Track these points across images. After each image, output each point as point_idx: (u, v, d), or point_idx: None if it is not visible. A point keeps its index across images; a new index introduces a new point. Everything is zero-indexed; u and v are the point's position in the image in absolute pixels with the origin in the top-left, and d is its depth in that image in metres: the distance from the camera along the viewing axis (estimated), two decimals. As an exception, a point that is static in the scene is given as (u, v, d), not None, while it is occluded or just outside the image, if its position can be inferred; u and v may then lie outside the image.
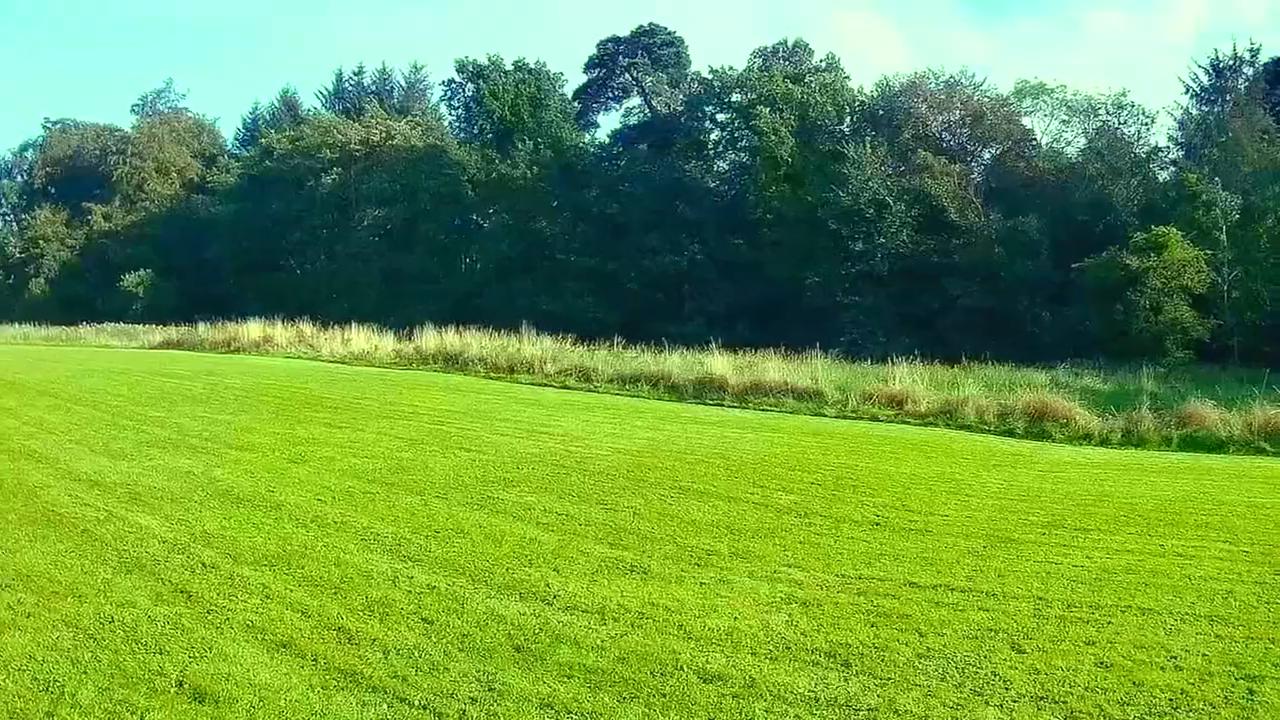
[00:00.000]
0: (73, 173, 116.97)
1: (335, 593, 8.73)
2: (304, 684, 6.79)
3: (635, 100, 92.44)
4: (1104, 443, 21.02)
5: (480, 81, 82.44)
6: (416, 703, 6.65)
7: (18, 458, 14.82)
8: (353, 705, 6.58)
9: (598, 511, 12.55)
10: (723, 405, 27.86)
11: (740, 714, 6.70)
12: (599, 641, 7.78)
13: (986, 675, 7.37)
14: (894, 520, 12.45)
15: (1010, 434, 22.08)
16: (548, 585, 9.19)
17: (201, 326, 57.62)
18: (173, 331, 60.57)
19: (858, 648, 7.83)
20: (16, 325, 70.54)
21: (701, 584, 9.45)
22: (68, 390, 26.29)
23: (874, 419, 24.55)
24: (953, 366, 32.00)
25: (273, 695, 6.62)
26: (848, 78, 70.35)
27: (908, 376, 27.49)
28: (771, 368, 30.73)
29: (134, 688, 6.56)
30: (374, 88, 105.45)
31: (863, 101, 67.10)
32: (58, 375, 31.63)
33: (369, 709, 6.55)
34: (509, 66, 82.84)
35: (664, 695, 6.91)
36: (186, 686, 6.65)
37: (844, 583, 9.59)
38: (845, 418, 24.93)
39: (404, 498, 13.03)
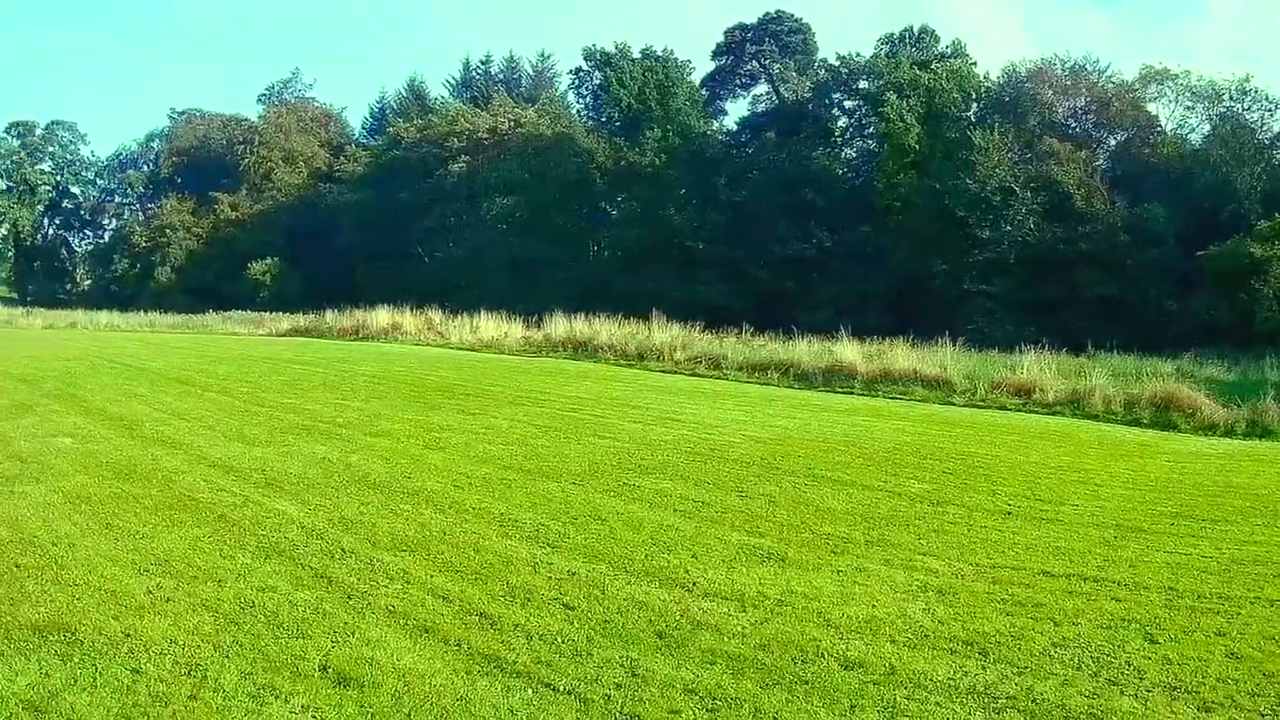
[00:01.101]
0: (199, 162, 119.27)
1: (476, 578, 8.75)
2: (448, 669, 6.80)
3: (763, 87, 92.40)
4: (1229, 433, 20.79)
5: (608, 70, 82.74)
6: (561, 688, 6.63)
7: (152, 444, 15.06)
8: (497, 690, 6.57)
9: (733, 499, 12.52)
10: (852, 393, 28.06)
11: (881, 701, 6.65)
12: (740, 628, 7.75)
13: (1120, 665, 7.31)
14: (1025, 509, 12.41)
15: (1136, 423, 21.92)
16: (687, 572, 9.17)
17: (330, 314, 58.40)
18: (300, 319, 61.49)
19: (994, 636, 7.78)
20: (143, 313, 72.14)
21: (838, 572, 9.41)
22: (199, 377, 26.73)
23: (1001, 408, 24.70)
24: (1078, 355, 32.06)
25: (417, 680, 6.63)
26: (974, 64, 69.52)
27: (1034, 365, 27.52)
28: (900, 355, 30.87)
29: (277, 672, 6.62)
30: (501, 76, 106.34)
31: (988, 88, 66.41)
32: (187, 362, 32.23)
33: (513, 694, 6.54)
34: (636, 54, 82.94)
35: (806, 682, 6.86)
36: (330, 671, 6.68)
37: (978, 571, 9.55)
38: (973, 406, 25.13)
39: (541, 484, 13.06)
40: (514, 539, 10.16)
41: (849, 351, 32.04)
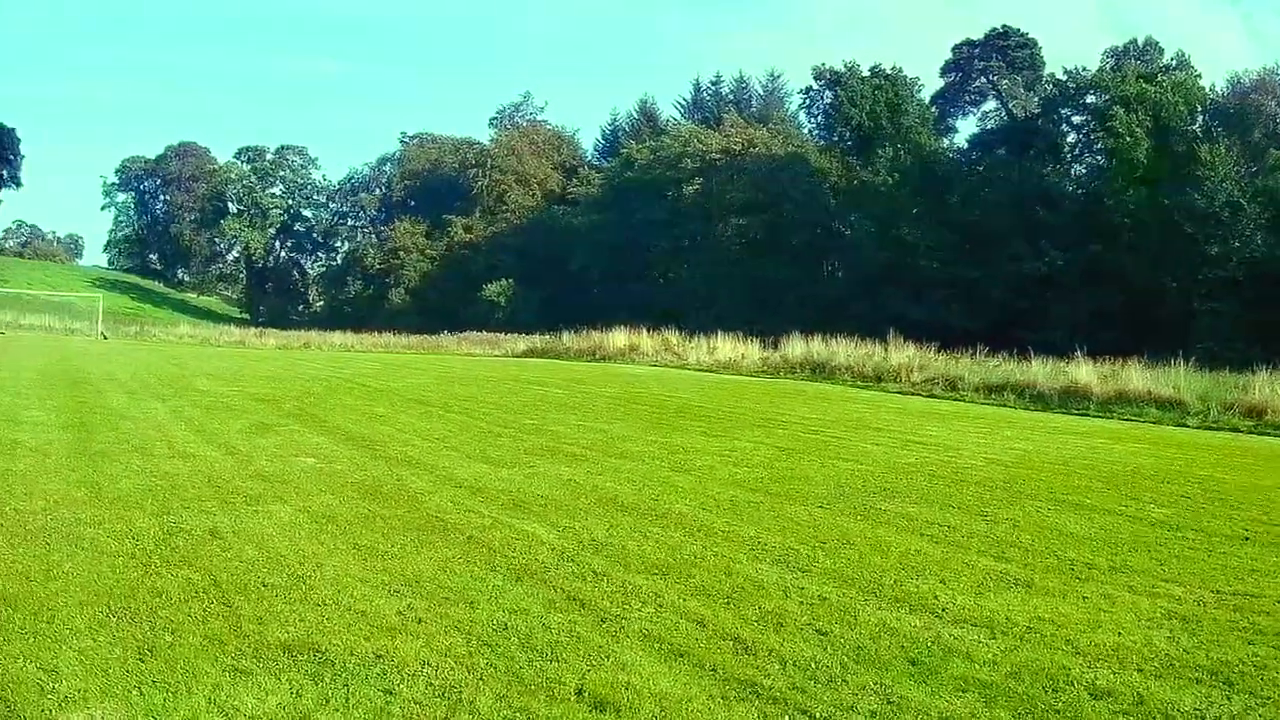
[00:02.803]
0: (431, 185, 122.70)
1: (728, 602, 8.63)
2: (704, 694, 6.67)
3: (991, 104, 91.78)
4: None
5: (838, 88, 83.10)
6: (818, 715, 6.48)
7: (396, 464, 15.29)
8: (754, 716, 6.43)
9: (978, 523, 12.39)
10: (1087, 414, 28.46)
11: (1128, 731, 6.46)
12: (990, 656, 7.58)
13: (1364, 696, 6.93)
14: (1263, 534, 12.15)
15: (1375, 446, 21.05)
16: (936, 598, 9.01)
17: (566, 335, 59.36)
18: (537, 340, 62.71)
19: (1237, 666, 7.55)
20: (377, 334, 74.22)
21: (1084, 598, 9.20)
22: (438, 398, 27.29)
23: (1234, 430, 24.92)
24: (1312, 375, 31.45)
25: (674, 705, 6.50)
26: (1198, 76, 68.12)
27: (1266, 386, 27.44)
28: (1135, 376, 31.04)
29: (533, 695, 6.55)
30: (732, 97, 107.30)
31: (1213, 100, 64.86)
32: (425, 383, 32.99)
33: (769, 720, 6.47)
34: (865, 72, 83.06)
35: (1057, 711, 6.68)
36: (586, 695, 6.59)
37: (1219, 599, 9.28)
38: (1206, 428, 25.44)
39: (788, 507, 12.96)
40: (764, 563, 10.06)
41: (1084, 372, 32.48)
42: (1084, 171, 76.34)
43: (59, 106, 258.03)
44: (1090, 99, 72.03)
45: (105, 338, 73.20)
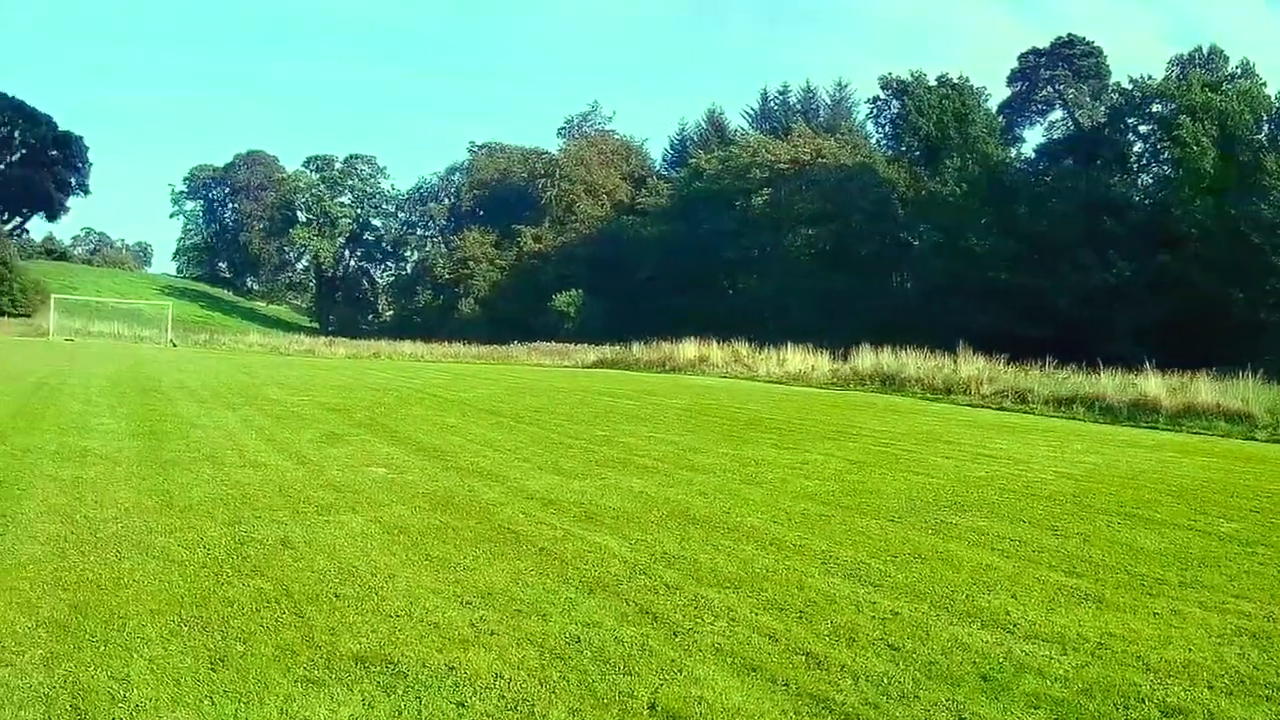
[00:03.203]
0: (500, 195, 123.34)
1: (800, 617, 8.59)
2: (776, 709, 6.62)
3: (1057, 113, 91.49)
4: None
5: (905, 98, 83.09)
6: (889, 731, 6.47)
7: (468, 475, 15.31)
8: (826, 732, 6.42)
9: (1048, 537, 12.34)
10: (1156, 427, 28.66)
11: (1201, 750, 6.38)
12: (1062, 672, 7.53)
13: None
14: None
15: None
16: (1007, 613, 8.96)
17: (636, 346, 59.45)
18: (606, 351, 62.84)
19: None
20: (447, 344, 74.53)
21: (1155, 614, 9.13)
22: (509, 409, 27.37)
23: None
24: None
25: (746, 720, 6.56)
26: (1263, 84, 67.81)
27: None
28: (1203, 389, 31.04)
29: (605, 709, 6.51)
30: (799, 106, 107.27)
31: (1279, 108, 64.53)
32: (496, 394, 33.11)
33: (842, 736, 6.42)
34: (932, 82, 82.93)
35: None
36: (659, 709, 6.55)
37: None
38: (1275, 441, 25.62)
39: (859, 521, 12.93)
40: (836, 577, 10.02)
41: (1152, 385, 32.53)
42: (1150, 181, 75.98)
43: (126, 115, 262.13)
44: (1156, 108, 71.81)
45: (174, 345, 73.91)
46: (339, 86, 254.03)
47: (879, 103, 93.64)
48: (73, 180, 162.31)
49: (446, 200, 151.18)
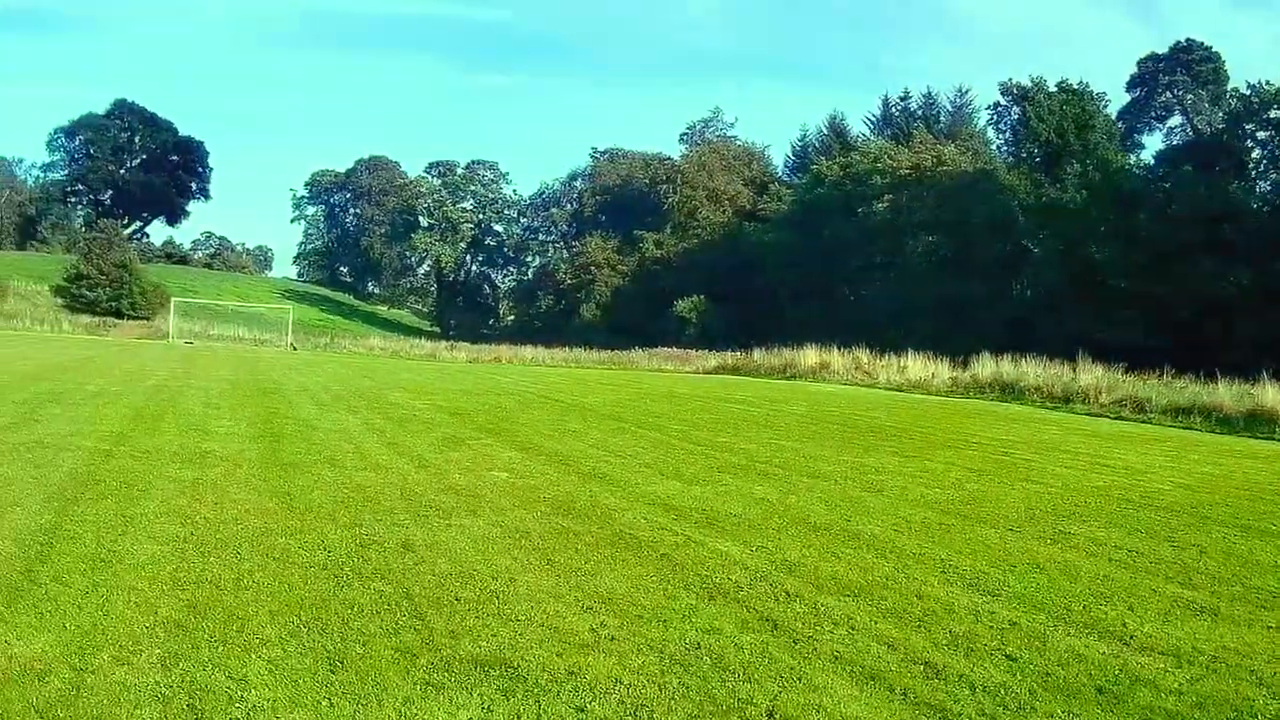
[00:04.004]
0: (622, 201, 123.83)
1: (919, 626, 8.55)
2: (894, 718, 6.61)
3: (1176, 119, 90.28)
4: None
5: (1025, 104, 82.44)
6: (1007, 741, 6.41)
7: (589, 480, 15.37)
8: (942, 742, 6.38)
9: (1165, 549, 12.19)
10: (1273, 438, 28.29)
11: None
12: (1176, 685, 7.44)
13: None
14: None
15: None
16: (1124, 624, 8.86)
17: (757, 353, 59.46)
18: (728, 357, 62.86)
19: None
20: (568, 349, 74.89)
21: (1269, 628, 9.00)
22: (630, 414, 27.49)
23: None
24: None
25: (864, 729, 6.47)
26: None
27: None
28: None
29: (724, 716, 6.47)
30: (920, 113, 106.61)
31: None
32: (618, 399, 33.26)
33: (959, 746, 6.37)
34: (1052, 88, 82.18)
35: None
36: (777, 716, 6.51)
37: None
38: None
39: (978, 530, 12.87)
40: (955, 586, 9.97)
41: (1270, 395, 32.11)
42: (1269, 188, 74.65)
43: (248, 120, 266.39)
44: (1275, 113, 70.59)
45: (295, 349, 74.87)
46: (459, 92, 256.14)
47: (999, 109, 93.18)
48: (193, 185, 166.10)
49: (568, 206, 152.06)
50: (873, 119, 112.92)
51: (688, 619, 8.39)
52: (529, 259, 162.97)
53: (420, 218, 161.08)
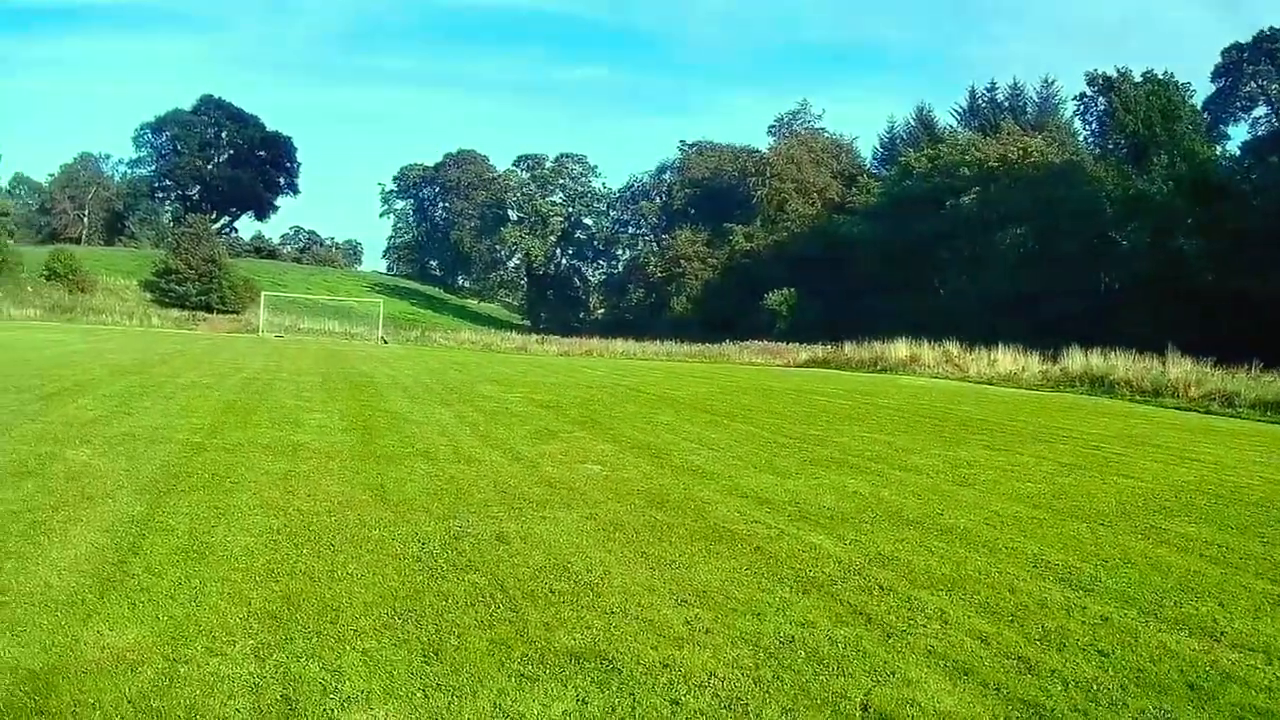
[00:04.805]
0: (711, 193, 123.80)
1: (1012, 620, 8.52)
2: (987, 713, 6.58)
3: (1261, 109, 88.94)
4: None
5: (1111, 94, 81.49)
6: (1097, 738, 6.39)
7: (682, 473, 15.37)
8: (1034, 738, 6.37)
9: (1255, 545, 12.06)
10: None
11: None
12: (1266, 682, 7.39)
13: None
14: None
15: None
16: (1214, 621, 8.80)
17: (848, 346, 59.34)
18: (818, 350, 62.76)
19: None
20: (658, 342, 74.81)
21: None
22: (722, 407, 27.54)
23: None
24: None
25: (957, 723, 6.45)
26: None
27: None
28: None
29: (818, 710, 6.47)
30: (1007, 104, 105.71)
31: None
32: (710, 392, 33.31)
33: (1052, 742, 6.36)
34: (1138, 78, 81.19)
35: None
36: (871, 711, 6.51)
37: None
38: None
39: (1070, 524, 12.79)
40: (1047, 580, 9.93)
41: None
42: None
43: (336, 115, 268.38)
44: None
45: (385, 342, 75.37)
46: (546, 85, 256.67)
47: (1085, 99, 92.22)
48: (281, 180, 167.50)
49: (658, 199, 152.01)
50: (959, 110, 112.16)
51: (782, 612, 8.38)
52: (619, 252, 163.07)
53: (510, 211, 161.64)
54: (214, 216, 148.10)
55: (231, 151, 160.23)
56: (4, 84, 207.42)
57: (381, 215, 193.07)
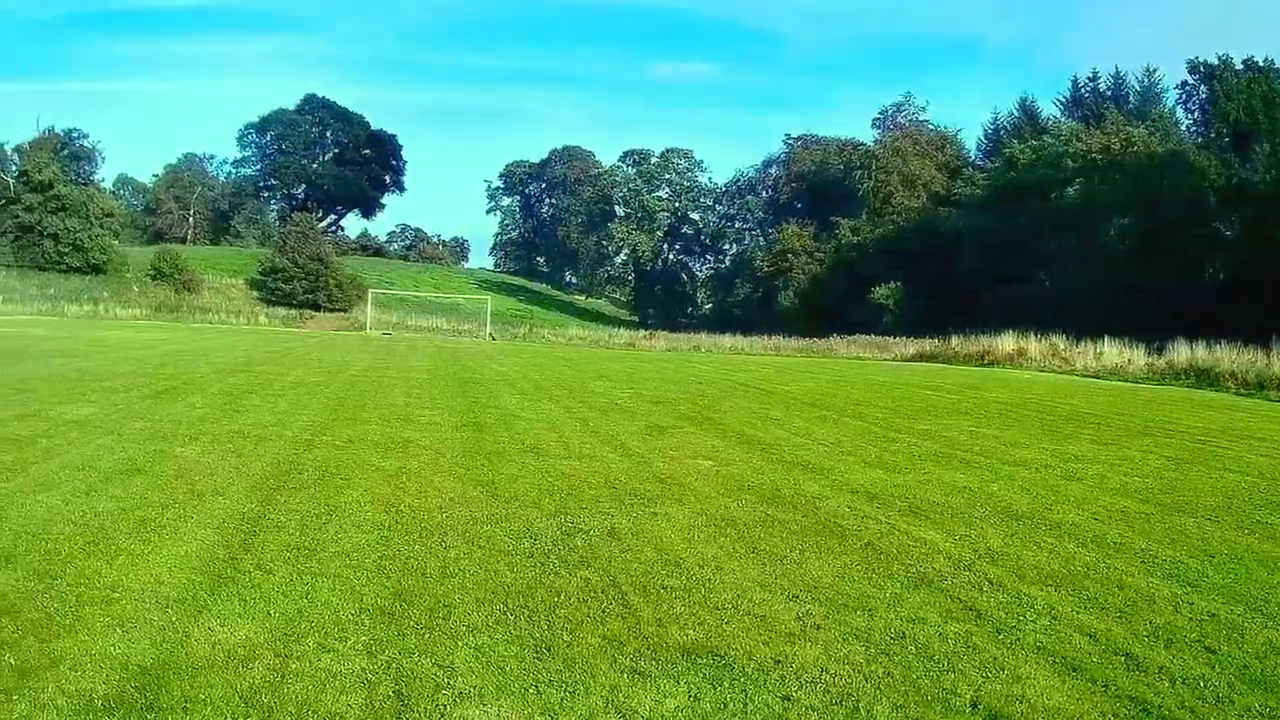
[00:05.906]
0: (816, 187, 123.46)
1: (1120, 616, 8.41)
2: (1095, 710, 6.50)
3: None
4: None
5: (1213, 83, 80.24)
6: (1205, 736, 6.34)
7: (792, 468, 15.35)
8: (1142, 736, 6.33)
9: None
10: None
11: None
12: None
13: None
14: None
15: None
16: None
17: (955, 339, 58.98)
18: (925, 344, 62.42)
19: None
20: (766, 337, 74.73)
21: None
22: (831, 401, 27.49)
23: None
24: None
25: (1066, 720, 6.42)
26: None
27: None
28: None
29: (929, 706, 6.43)
30: (1109, 93, 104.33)
31: None
32: (818, 386, 33.33)
33: (1160, 739, 6.31)
34: (1239, 65, 79.80)
35: None
36: (981, 707, 6.46)
37: None
38: None
39: (1177, 519, 12.61)
40: (1155, 576, 9.80)
41: None
42: None
43: (439, 113, 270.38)
44: None
45: (494, 339, 75.89)
46: (651, 81, 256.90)
47: (1187, 88, 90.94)
48: (387, 178, 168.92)
49: (764, 193, 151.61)
50: (1062, 100, 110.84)
51: (892, 608, 8.36)
52: (726, 247, 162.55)
53: (616, 207, 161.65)
54: (320, 215, 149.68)
55: (336, 150, 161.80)
56: (107, 86, 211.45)
57: (488, 212, 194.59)
